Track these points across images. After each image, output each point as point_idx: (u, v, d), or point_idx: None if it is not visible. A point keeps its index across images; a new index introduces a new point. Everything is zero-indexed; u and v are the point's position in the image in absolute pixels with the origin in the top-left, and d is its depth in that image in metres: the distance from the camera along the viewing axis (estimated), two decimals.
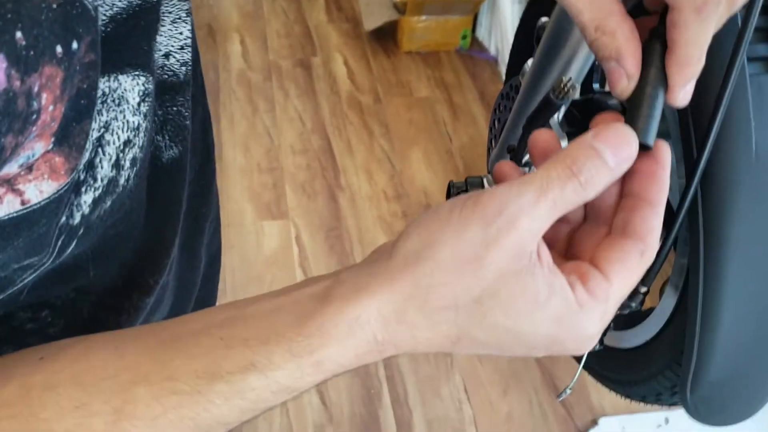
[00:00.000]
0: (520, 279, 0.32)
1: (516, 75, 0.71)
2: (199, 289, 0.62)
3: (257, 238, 1.84)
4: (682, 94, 0.35)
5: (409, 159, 2.09)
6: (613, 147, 0.33)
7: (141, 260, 0.46)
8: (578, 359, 0.53)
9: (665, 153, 0.35)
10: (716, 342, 0.42)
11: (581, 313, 0.33)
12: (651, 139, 0.34)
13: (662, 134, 0.47)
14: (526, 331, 0.33)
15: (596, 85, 0.60)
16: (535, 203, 0.32)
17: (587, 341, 0.34)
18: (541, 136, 0.37)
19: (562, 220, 0.38)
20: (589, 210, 0.38)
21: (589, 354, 0.52)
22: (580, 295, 0.33)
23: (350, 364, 0.34)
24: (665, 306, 0.48)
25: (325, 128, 2.17)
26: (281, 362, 0.32)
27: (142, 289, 0.47)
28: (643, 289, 0.44)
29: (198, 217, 0.57)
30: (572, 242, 0.38)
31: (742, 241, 0.40)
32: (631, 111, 0.35)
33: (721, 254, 0.40)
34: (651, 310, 0.50)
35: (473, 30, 2.54)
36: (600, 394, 1.58)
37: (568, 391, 0.53)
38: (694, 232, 0.41)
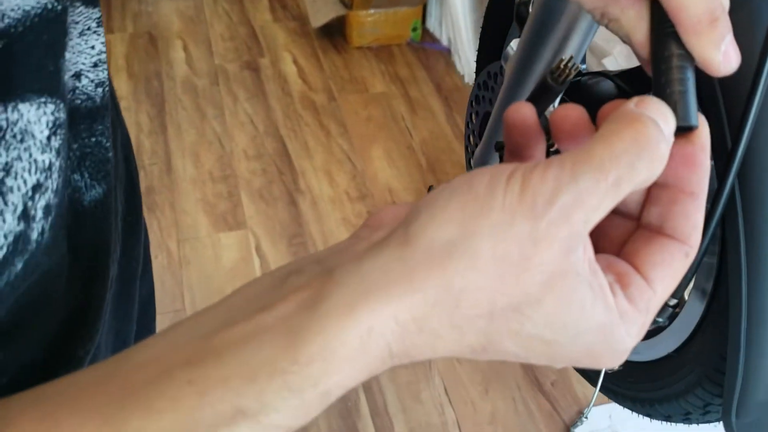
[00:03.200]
0: (567, 282, 0.26)
1: (490, 61, 0.64)
2: (134, 342, 0.53)
3: (215, 252, 1.75)
4: (716, 61, 0.30)
5: (370, 157, 2.02)
6: (661, 116, 0.27)
7: (66, 329, 0.38)
8: (586, 376, 0.47)
9: (704, 134, 0.29)
10: (766, 358, 0.36)
11: (621, 324, 0.27)
12: (693, 119, 0.29)
13: None
14: (565, 343, 0.27)
15: (584, 66, 0.54)
16: (594, 188, 0.25)
17: (622, 356, 0.28)
18: (571, 112, 0.31)
19: None
20: None
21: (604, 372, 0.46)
22: (621, 303, 0.27)
23: (359, 382, 0.26)
24: (691, 313, 0.42)
25: (279, 131, 2.09)
26: (277, 402, 0.25)
27: (70, 362, 0.39)
28: (673, 302, 0.38)
29: (131, 260, 0.49)
30: (596, 230, 0.32)
31: None
32: (659, 90, 0.29)
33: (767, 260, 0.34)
34: (674, 316, 0.44)
35: (423, 21, 2.48)
36: (584, 384, 1.54)
37: (585, 419, 0.47)
38: (731, 230, 0.36)
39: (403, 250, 0.26)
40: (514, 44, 0.47)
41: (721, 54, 0.29)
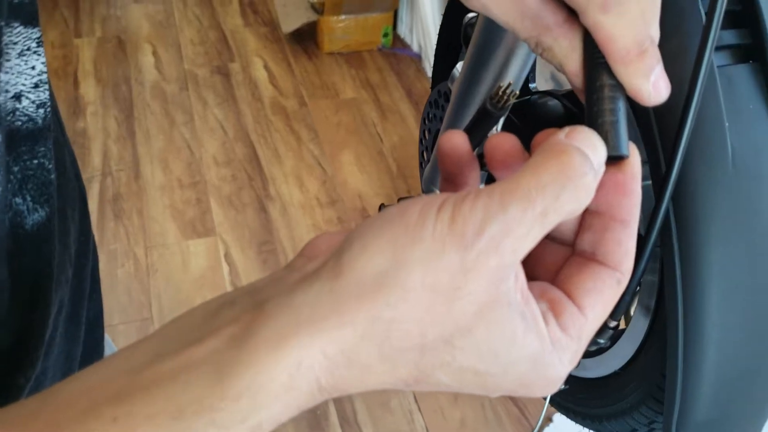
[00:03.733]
0: (498, 312, 0.26)
1: (444, 80, 0.64)
2: (79, 365, 0.52)
3: (183, 259, 1.73)
4: (646, 91, 0.30)
5: (340, 162, 2.02)
6: (592, 147, 0.28)
7: (5, 357, 0.37)
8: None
9: (634, 163, 0.30)
10: (703, 378, 0.37)
11: (553, 352, 0.27)
12: (623, 148, 0.29)
13: None
14: (497, 373, 0.27)
15: (533, 85, 0.55)
16: (522, 218, 0.26)
17: (555, 384, 0.28)
18: (503, 142, 0.31)
19: None
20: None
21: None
22: (554, 331, 0.28)
23: (289, 417, 0.26)
24: (636, 330, 0.42)
25: (249, 136, 2.07)
26: None
27: (9, 391, 0.38)
28: (613, 324, 0.38)
29: (82, 281, 0.48)
30: (530, 257, 0.32)
31: (724, 262, 0.35)
32: (591, 120, 0.30)
33: (702, 281, 0.35)
34: (620, 333, 0.45)
35: (394, 27, 2.48)
36: None
37: (552, 424, 0.47)
38: (666, 248, 0.36)
39: (334, 282, 0.26)
40: (459, 66, 0.47)
41: (651, 84, 0.30)
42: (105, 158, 1.97)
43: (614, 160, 0.30)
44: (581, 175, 0.27)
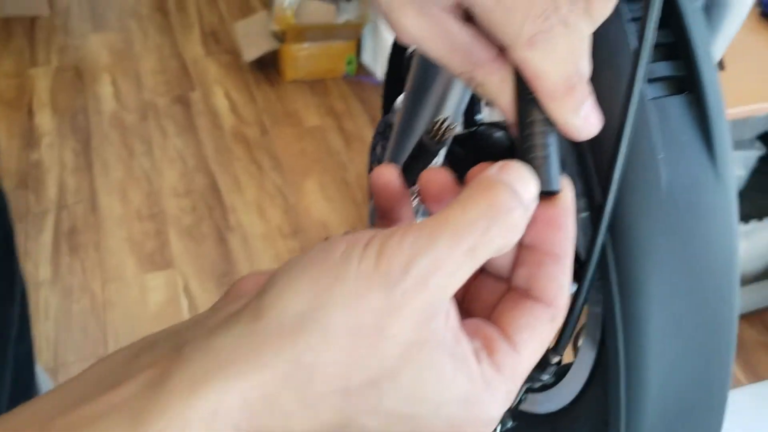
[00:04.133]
0: (426, 353, 0.25)
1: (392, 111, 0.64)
2: (8, 407, 0.49)
3: (141, 293, 1.69)
4: (576, 126, 0.30)
5: (303, 191, 2.00)
6: (523, 182, 0.27)
7: None
8: None
9: (567, 198, 0.29)
10: (646, 411, 0.36)
11: (485, 392, 0.26)
12: (554, 184, 0.28)
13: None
14: (427, 416, 0.26)
15: (480, 116, 0.54)
16: (450, 254, 0.25)
17: (489, 424, 0.27)
18: (435, 177, 0.31)
19: None
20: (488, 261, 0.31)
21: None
22: (486, 370, 0.26)
23: None
24: (583, 363, 0.41)
25: (209, 166, 2.05)
26: None
27: None
28: (556, 359, 0.37)
29: (6, 325, 0.46)
30: (468, 294, 0.32)
31: (663, 294, 0.34)
32: (523, 155, 0.29)
33: (641, 313, 0.34)
34: (569, 366, 0.44)
35: (358, 55, 2.49)
36: None
37: None
38: (605, 281, 0.35)
39: (254, 324, 0.25)
40: (401, 99, 0.46)
41: (581, 119, 0.29)
42: (61, 191, 1.93)
43: (547, 195, 0.29)
44: (508, 210, 0.26)
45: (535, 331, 0.28)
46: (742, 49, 1.26)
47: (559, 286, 0.29)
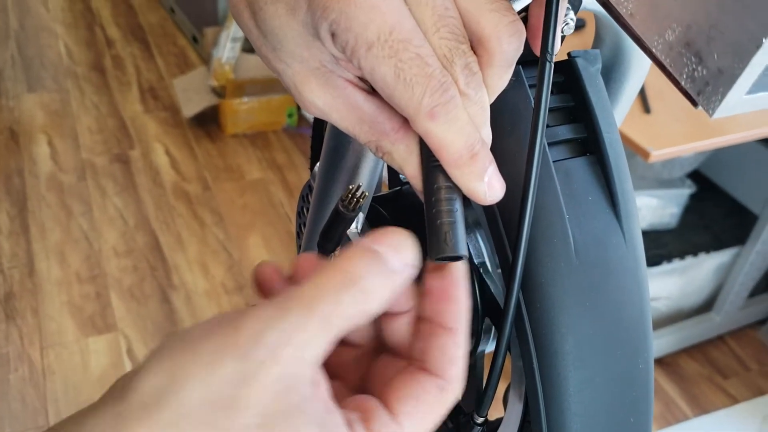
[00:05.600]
0: (289, 423, 0.25)
1: None
2: None
3: (83, 358, 1.64)
4: (481, 191, 0.30)
5: (247, 246, 1.98)
6: (393, 248, 0.28)
7: None
8: None
9: (458, 269, 0.30)
10: None
11: None
12: (461, 249, 0.29)
13: (474, 223, 0.42)
14: None
15: (403, 177, 0.55)
16: (304, 325, 0.25)
17: None
18: (304, 263, 0.31)
19: (347, 344, 0.32)
20: (387, 337, 0.32)
21: None
22: None
23: None
24: (512, 417, 0.42)
25: (150, 224, 2.02)
26: None
27: None
28: (480, 420, 0.38)
29: None
30: (368, 373, 0.32)
31: (577, 352, 0.35)
32: (430, 221, 0.30)
33: (557, 372, 0.35)
34: (500, 421, 0.44)
35: (299, 107, 2.51)
36: None
37: None
38: (521, 340, 0.36)
39: (120, 404, 0.25)
40: (318, 165, 0.47)
41: (485, 185, 0.30)
42: None
43: (452, 260, 0.30)
44: (360, 278, 0.27)
45: (420, 401, 0.28)
46: (665, 93, 1.32)
47: (449, 358, 0.29)
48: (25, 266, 1.85)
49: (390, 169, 0.58)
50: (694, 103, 0.27)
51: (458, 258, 0.29)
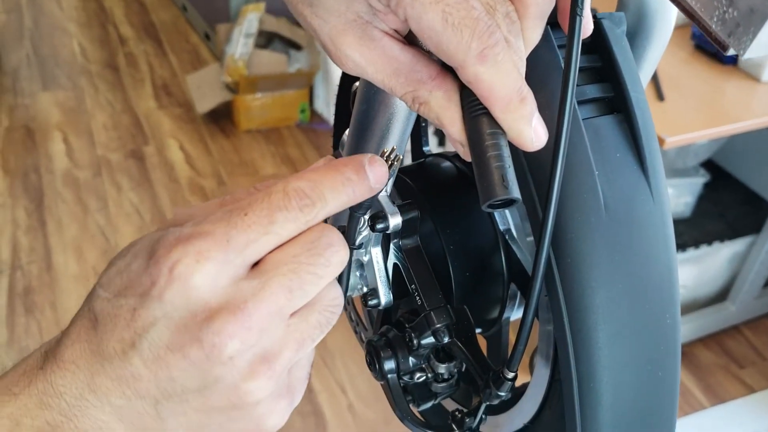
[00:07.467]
0: None
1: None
2: None
3: None
4: (529, 136, 0.31)
5: None
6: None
7: None
8: None
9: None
10: (601, 423, 0.37)
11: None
12: (515, 192, 0.29)
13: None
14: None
15: (427, 148, 0.56)
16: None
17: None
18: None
19: None
20: None
21: None
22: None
23: None
24: (539, 380, 0.42)
25: (166, 219, 2.03)
26: None
27: None
28: (510, 375, 0.38)
29: None
30: None
31: (608, 306, 0.35)
32: (482, 166, 0.30)
33: (588, 326, 0.35)
34: (525, 386, 0.44)
35: (311, 103, 2.52)
36: None
37: None
38: (552, 297, 0.36)
39: None
40: (347, 133, 0.48)
41: (533, 130, 0.31)
42: (14, 251, 1.89)
43: (505, 205, 0.30)
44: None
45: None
46: (679, 81, 1.32)
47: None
48: (43, 261, 1.87)
49: (413, 141, 0.58)
50: (724, 48, 0.27)
51: (512, 201, 0.30)
